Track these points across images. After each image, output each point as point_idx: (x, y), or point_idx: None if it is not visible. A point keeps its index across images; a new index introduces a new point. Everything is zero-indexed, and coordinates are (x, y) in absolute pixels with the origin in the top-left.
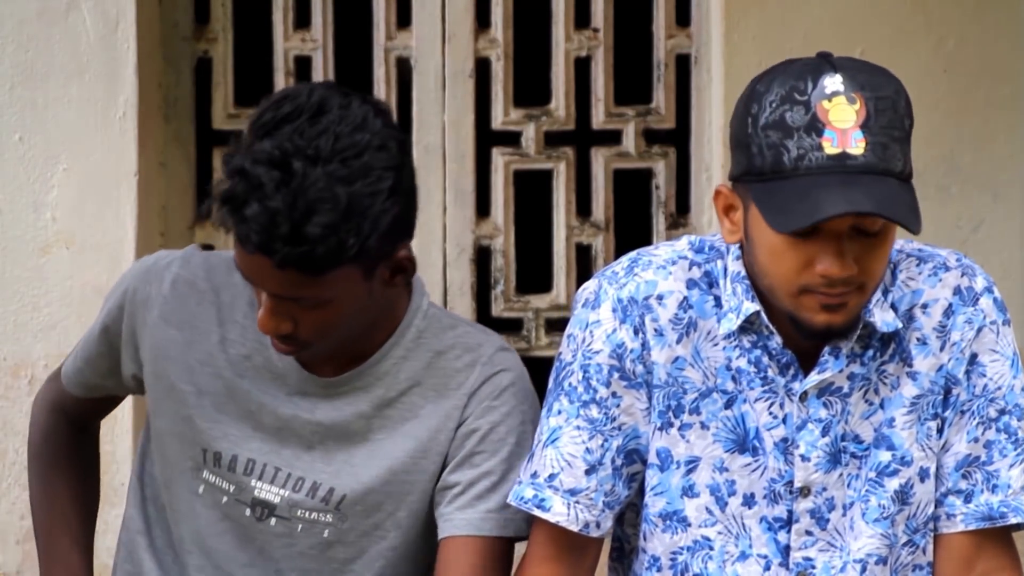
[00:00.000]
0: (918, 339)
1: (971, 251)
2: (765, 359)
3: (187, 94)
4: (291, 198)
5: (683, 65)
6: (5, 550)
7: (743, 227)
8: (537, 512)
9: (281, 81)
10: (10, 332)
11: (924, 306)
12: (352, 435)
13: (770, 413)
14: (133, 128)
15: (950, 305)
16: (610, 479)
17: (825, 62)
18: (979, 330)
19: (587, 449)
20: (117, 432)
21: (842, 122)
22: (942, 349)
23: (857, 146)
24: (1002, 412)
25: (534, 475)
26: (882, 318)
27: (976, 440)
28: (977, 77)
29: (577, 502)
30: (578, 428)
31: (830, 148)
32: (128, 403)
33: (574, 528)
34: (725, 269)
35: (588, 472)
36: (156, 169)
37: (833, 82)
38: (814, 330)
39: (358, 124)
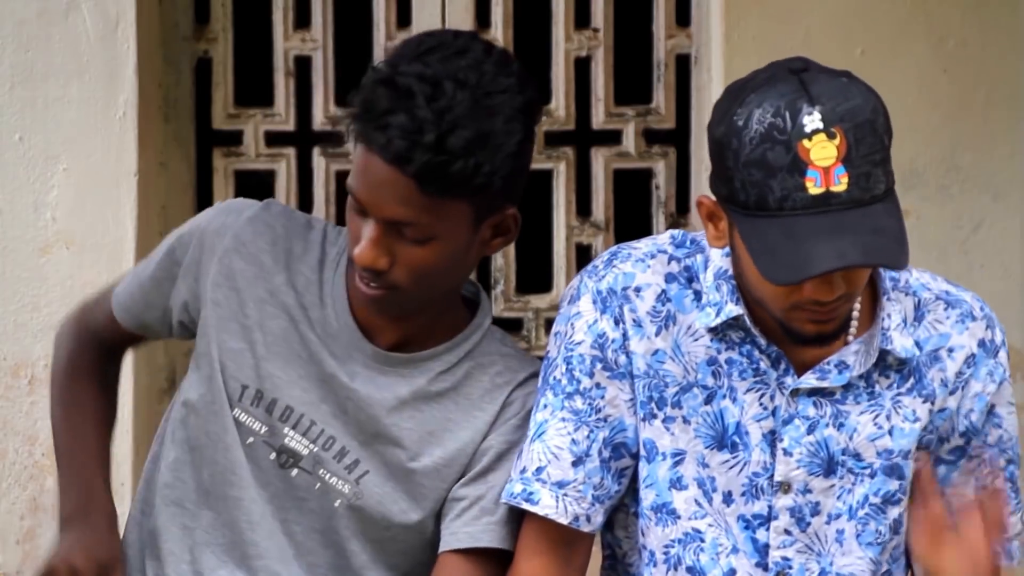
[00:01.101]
0: (941, 380)
1: (971, 251)
2: (756, 352)
3: (187, 94)
4: (440, 111)
5: (683, 65)
6: (5, 550)
7: (729, 238)
8: (526, 506)
9: (281, 81)
10: (10, 332)
11: (950, 350)
12: (383, 416)
13: (760, 404)
14: (133, 128)
15: (974, 355)
16: (598, 472)
17: (802, 91)
18: (1000, 384)
19: (573, 440)
20: (117, 432)
21: (824, 160)
22: (952, 393)
23: (840, 183)
24: (1009, 462)
25: (523, 471)
26: (902, 344)
27: (984, 487)
28: (977, 77)
29: (565, 495)
30: (563, 420)
31: (813, 188)
32: (128, 404)
33: (563, 520)
34: (706, 263)
35: (575, 464)
36: (156, 169)
37: (812, 120)
38: (806, 338)
39: (501, 65)
